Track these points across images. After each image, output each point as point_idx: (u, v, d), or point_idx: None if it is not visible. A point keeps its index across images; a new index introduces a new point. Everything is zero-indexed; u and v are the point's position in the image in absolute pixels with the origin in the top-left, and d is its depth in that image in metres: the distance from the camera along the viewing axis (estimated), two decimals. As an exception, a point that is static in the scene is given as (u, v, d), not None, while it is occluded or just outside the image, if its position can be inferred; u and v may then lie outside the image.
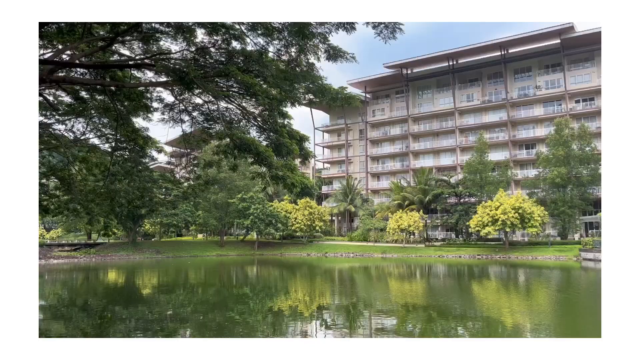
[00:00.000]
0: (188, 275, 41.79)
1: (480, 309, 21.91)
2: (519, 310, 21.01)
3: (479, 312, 20.78)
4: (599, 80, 68.95)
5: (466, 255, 56.43)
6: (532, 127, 74.05)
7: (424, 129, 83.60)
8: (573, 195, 56.78)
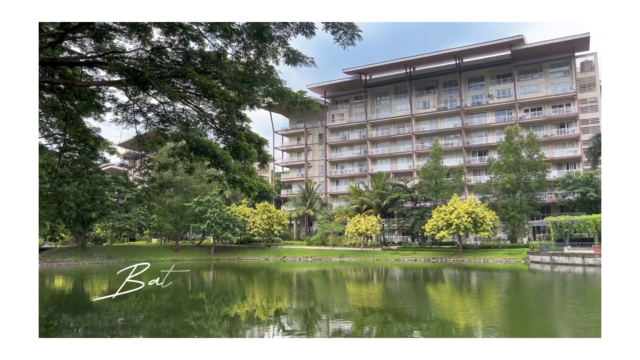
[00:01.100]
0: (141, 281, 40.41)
1: (435, 311, 22.41)
2: (472, 312, 21.64)
3: (434, 314, 21.25)
4: (546, 91, 72.44)
5: (421, 258, 57.68)
6: (484, 135, 76.79)
7: (381, 134, 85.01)
8: (522, 200, 59.25)
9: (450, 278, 39.21)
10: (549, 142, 70.46)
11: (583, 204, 57.36)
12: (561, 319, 19.50)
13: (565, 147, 70.64)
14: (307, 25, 11.42)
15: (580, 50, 71.03)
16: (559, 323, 18.56)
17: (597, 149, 60.89)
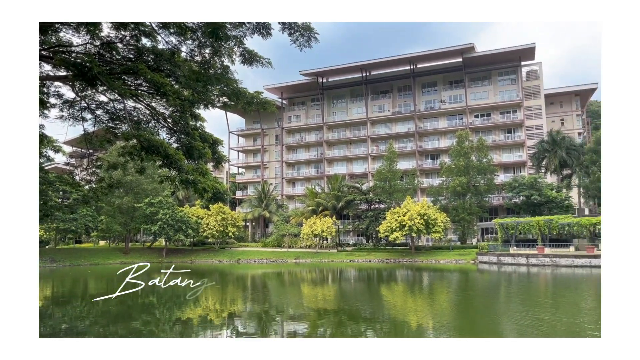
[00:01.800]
0: (88, 285, 38.80)
1: (388, 311, 22.81)
2: (423, 312, 22.19)
3: (387, 314, 21.62)
4: (494, 98, 75.47)
5: (376, 259, 58.57)
6: (437, 139, 79.02)
7: (338, 136, 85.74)
8: (472, 202, 61.41)
9: (403, 278, 40.03)
10: (497, 147, 73.42)
11: (528, 206, 60.12)
12: (506, 317, 20.33)
13: (512, 152, 73.84)
14: (263, 25, 11.36)
15: (526, 59, 74.49)
16: (505, 321, 19.35)
17: (541, 155, 64.06)
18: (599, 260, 44.00)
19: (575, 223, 49.68)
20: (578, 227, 49.64)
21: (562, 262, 45.62)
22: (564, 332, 16.27)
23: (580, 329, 16.71)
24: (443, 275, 40.83)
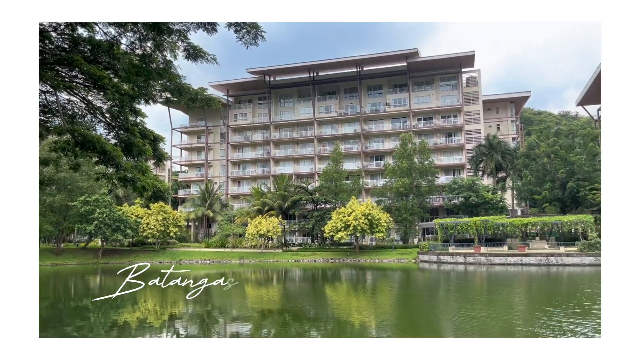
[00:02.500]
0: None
1: (332, 310, 22.99)
2: (366, 310, 22.58)
3: (331, 314, 21.79)
4: (436, 102, 78.20)
5: (321, 259, 58.95)
6: (381, 140, 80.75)
7: (285, 136, 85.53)
8: (414, 203, 63.29)
9: (347, 278, 40.54)
10: (438, 150, 76.11)
11: (466, 207, 62.79)
12: (444, 315, 21.09)
13: (452, 155, 76.83)
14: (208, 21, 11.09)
15: (466, 66, 77.76)
16: (442, 319, 20.07)
17: (479, 158, 67.11)
18: (529, 258, 46.72)
19: (508, 223, 52.42)
20: (511, 227, 52.42)
21: (497, 260, 48.02)
22: (496, 329, 17.09)
23: (510, 326, 17.62)
24: (386, 274, 41.75)
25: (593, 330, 15.71)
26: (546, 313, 19.08)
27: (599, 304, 22.14)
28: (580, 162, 58.70)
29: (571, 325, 16.56)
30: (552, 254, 46.76)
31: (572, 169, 58.64)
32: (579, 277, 36.14)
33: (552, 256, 46.38)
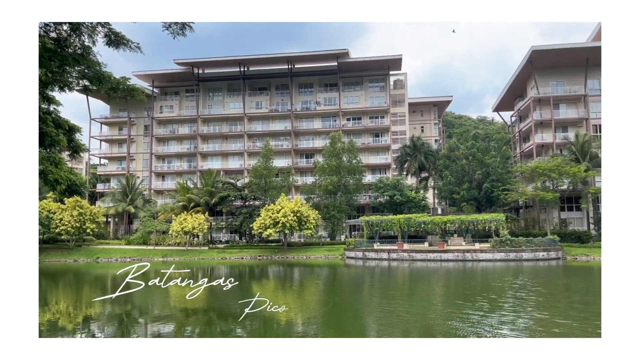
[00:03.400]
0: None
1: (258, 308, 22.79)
2: (293, 306, 22.66)
3: (257, 311, 21.63)
4: (365, 103, 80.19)
5: (248, 256, 58.34)
6: (312, 139, 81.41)
7: (213, 130, 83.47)
8: (342, 201, 64.52)
9: (274, 274, 40.47)
10: (366, 149, 78.13)
11: (391, 205, 65.06)
12: (367, 311, 21.72)
13: (379, 154, 79.22)
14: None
15: (394, 69, 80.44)
16: (365, 315, 20.66)
17: (403, 158, 69.80)
18: (448, 254, 49.39)
19: (429, 221, 55.05)
20: (432, 224, 55.10)
21: (418, 256, 50.27)
22: (416, 324, 17.89)
23: (427, 321, 18.52)
24: (313, 271, 42.21)
25: (499, 322, 16.90)
26: (458, 307, 20.28)
27: (504, 298, 23.91)
28: (495, 164, 62.91)
29: (480, 317, 17.73)
30: (468, 250, 49.79)
31: (487, 170, 62.70)
32: (490, 272, 38.77)
33: (468, 252, 49.38)
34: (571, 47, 66.28)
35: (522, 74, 72.23)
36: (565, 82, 69.22)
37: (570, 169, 53.78)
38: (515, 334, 15.15)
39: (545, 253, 48.41)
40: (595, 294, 26.24)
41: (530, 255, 47.87)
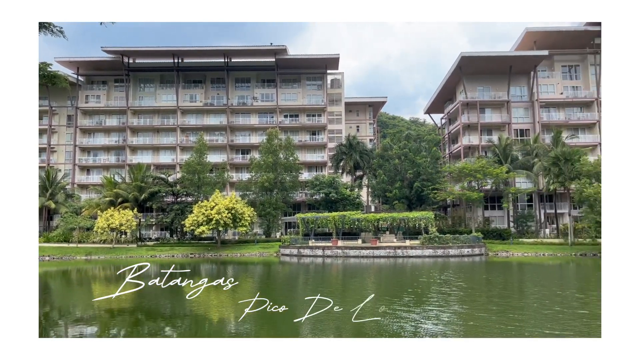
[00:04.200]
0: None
1: (189, 307, 22.17)
2: (226, 305, 22.26)
3: (189, 310, 21.03)
4: (303, 100, 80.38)
5: (179, 254, 56.55)
6: (248, 134, 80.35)
7: (144, 123, 79.89)
8: (278, 198, 64.28)
9: (207, 273, 39.54)
10: (303, 147, 78.38)
11: (326, 202, 65.80)
12: (301, 309, 21.79)
13: (315, 152, 79.79)
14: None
15: (331, 68, 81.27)
16: (300, 314, 20.72)
17: (339, 157, 70.83)
18: (380, 251, 50.78)
19: (363, 219, 56.30)
20: (365, 222, 56.39)
21: (352, 253, 51.25)
22: (347, 323, 18.21)
23: (359, 319, 18.93)
24: (247, 269, 41.73)
25: (424, 317, 17.59)
26: (386, 303, 20.92)
27: (431, 293, 25.00)
28: (425, 164, 65.51)
29: (405, 313, 18.40)
30: (399, 247, 51.48)
31: (418, 170, 65.16)
32: (418, 268, 40.36)
33: (399, 249, 51.06)
34: (496, 55, 70.48)
35: (452, 78, 75.78)
36: (490, 88, 73.47)
37: (494, 170, 57.22)
38: (439, 328, 15.85)
39: (469, 249, 51.14)
40: (513, 289, 28.12)
41: (457, 252, 50.37)
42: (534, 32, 69.61)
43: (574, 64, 73.08)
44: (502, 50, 74.08)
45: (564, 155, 54.46)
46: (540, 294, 24.10)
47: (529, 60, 69.13)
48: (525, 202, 67.77)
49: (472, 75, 72.70)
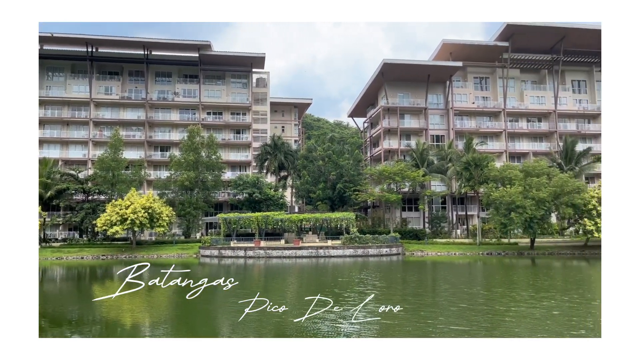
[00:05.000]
0: None
1: (100, 311, 20.84)
2: (140, 308, 21.22)
3: (99, 315, 19.77)
4: (227, 98, 78.83)
5: (90, 256, 52.98)
6: (168, 131, 77.20)
7: (52, 115, 73.84)
8: (199, 197, 62.44)
9: (120, 276, 37.38)
10: (226, 146, 76.86)
11: (250, 203, 65.02)
12: (220, 312, 21.39)
13: (239, 151, 78.60)
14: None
15: (257, 67, 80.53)
16: (219, 317, 20.31)
17: (264, 156, 70.37)
18: (302, 251, 51.14)
19: (286, 219, 56.38)
20: (289, 222, 56.52)
21: (274, 253, 51.11)
22: (269, 323, 18.16)
23: (280, 320, 18.95)
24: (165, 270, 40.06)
25: (340, 317, 17.94)
26: (308, 303, 21.14)
27: (348, 292, 25.62)
28: (348, 166, 67.05)
29: (324, 313, 18.72)
30: (321, 247, 52.21)
31: (341, 172, 66.52)
32: (339, 267, 41.20)
33: (321, 249, 51.78)
34: (415, 63, 73.99)
35: (375, 84, 78.31)
36: (410, 94, 76.90)
37: (411, 173, 59.97)
38: (354, 328, 16.26)
39: (388, 249, 53.09)
40: (426, 287, 29.62)
41: (376, 252, 52.07)
42: (450, 44, 73.93)
43: (484, 76, 78.61)
44: (421, 60, 77.87)
45: (474, 161, 58.35)
46: (449, 292, 25.60)
47: (445, 70, 73.27)
48: (439, 204, 71.69)
49: (394, 81, 75.63)
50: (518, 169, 55.21)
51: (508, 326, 16.03)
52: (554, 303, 20.42)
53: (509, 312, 18.39)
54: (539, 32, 71.38)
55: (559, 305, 19.95)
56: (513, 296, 22.72)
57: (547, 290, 24.96)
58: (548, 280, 30.29)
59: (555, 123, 75.52)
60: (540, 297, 22.24)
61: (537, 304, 20.21)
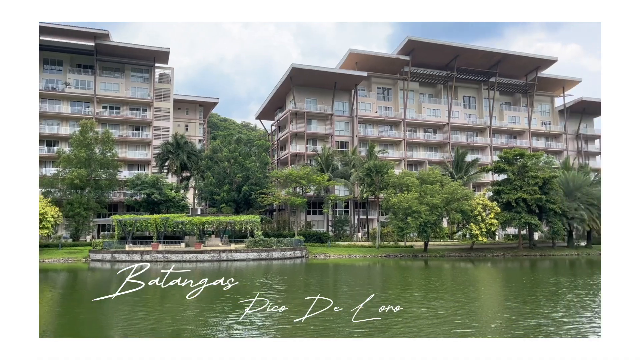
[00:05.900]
0: None
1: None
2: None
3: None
4: (126, 92, 74.13)
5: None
6: (57, 124, 70.62)
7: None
8: (90, 197, 57.81)
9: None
10: (124, 143, 72.21)
11: (148, 204, 61.60)
12: (114, 315, 19.97)
13: (138, 149, 74.23)
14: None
15: (160, 62, 76.81)
16: (112, 318, 18.95)
17: (165, 155, 67.13)
18: (204, 255, 49.57)
19: (188, 221, 54.32)
20: (190, 225, 54.50)
21: (174, 257, 48.92)
22: (163, 324, 17.27)
23: (179, 325, 18.16)
24: (47, 276, 36.52)
25: (238, 323, 17.63)
26: (203, 310, 20.51)
27: (249, 297, 25.31)
28: (255, 169, 66.45)
29: (221, 319, 18.30)
30: (224, 250, 51.04)
31: (247, 174, 65.72)
32: (242, 271, 40.56)
33: (224, 252, 50.60)
34: (323, 70, 75.59)
35: (283, 87, 78.62)
36: (317, 100, 78.35)
37: (317, 177, 61.04)
38: (252, 332, 16.06)
39: (292, 252, 53.38)
40: (328, 289, 30.22)
41: (280, 255, 52.08)
42: (356, 54, 76.66)
43: (387, 87, 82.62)
44: (328, 67, 79.71)
45: (376, 168, 60.97)
46: (347, 294, 26.33)
47: (350, 78, 75.77)
48: (342, 208, 73.78)
49: (302, 86, 76.53)
50: (415, 176, 58.72)
51: (400, 327, 16.83)
52: (443, 303, 21.88)
53: (402, 313, 19.35)
54: (436, 49, 76.75)
55: (446, 304, 21.41)
56: (406, 297, 23.97)
57: (437, 291, 26.72)
58: (439, 281, 32.46)
59: (449, 135, 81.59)
60: (430, 297, 23.73)
61: (428, 304, 21.52)
